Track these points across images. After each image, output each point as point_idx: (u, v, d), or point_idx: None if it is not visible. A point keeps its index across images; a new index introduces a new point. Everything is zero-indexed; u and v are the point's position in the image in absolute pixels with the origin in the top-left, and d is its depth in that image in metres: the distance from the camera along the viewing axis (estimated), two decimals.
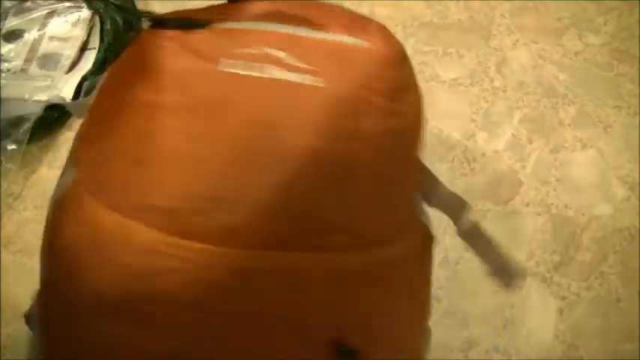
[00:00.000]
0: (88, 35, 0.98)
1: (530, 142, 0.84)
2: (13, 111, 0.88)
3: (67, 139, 0.90)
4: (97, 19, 1.00)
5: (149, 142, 0.34)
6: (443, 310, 0.70)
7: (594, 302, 0.70)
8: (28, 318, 0.42)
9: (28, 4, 1.01)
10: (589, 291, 0.71)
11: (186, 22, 0.38)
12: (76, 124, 0.93)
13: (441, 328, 0.68)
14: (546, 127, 0.86)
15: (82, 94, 0.38)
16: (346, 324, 0.35)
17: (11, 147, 0.86)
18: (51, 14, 1.00)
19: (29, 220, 0.83)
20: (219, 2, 0.43)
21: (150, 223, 0.32)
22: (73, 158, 0.39)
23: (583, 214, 0.77)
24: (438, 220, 0.75)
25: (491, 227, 0.76)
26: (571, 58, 0.93)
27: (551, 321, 0.69)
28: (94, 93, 0.41)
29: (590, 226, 0.76)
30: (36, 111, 0.88)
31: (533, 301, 0.71)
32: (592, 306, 0.70)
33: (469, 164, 0.82)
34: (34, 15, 1.00)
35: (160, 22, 0.39)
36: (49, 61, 0.95)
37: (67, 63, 0.95)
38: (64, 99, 0.90)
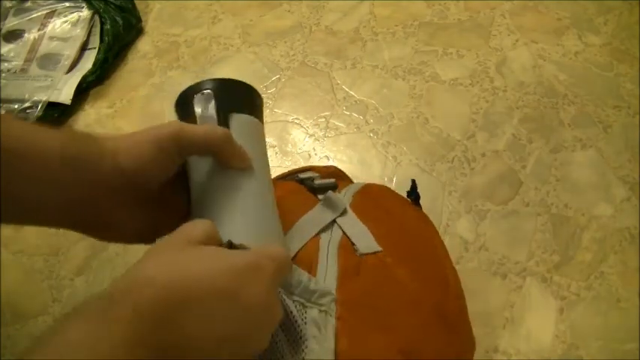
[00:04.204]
0: (88, 35, 0.98)
1: (530, 142, 0.84)
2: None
3: None
4: (97, 19, 1.00)
5: None
6: None
7: (594, 302, 0.70)
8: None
9: (28, 4, 1.01)
10: (589, 291, 0.71)
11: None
12: (76, 123, 0.93)
13: None
14: (546, 127, 0.86)
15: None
16: None
17: None
18: (51, 14, 1.00)
19: None
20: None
21: None
22: None
23: (583, 214, 0.77)
24: (437, 219, 0.75)
25: (492, 227, 0.76)
26: (571, 58, 0.93)
27: (551, 321, 0.69)
28: None
29: (590, 226, 0.76)
30: None
31: (533, 301, 0.71)
32: (592, 306, 0.70)
33: (469, 164, 0.82)
34: (34, 15, 1.00)
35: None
36: (49, 61, 0.95)
37: (67, 63, 0.95)
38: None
